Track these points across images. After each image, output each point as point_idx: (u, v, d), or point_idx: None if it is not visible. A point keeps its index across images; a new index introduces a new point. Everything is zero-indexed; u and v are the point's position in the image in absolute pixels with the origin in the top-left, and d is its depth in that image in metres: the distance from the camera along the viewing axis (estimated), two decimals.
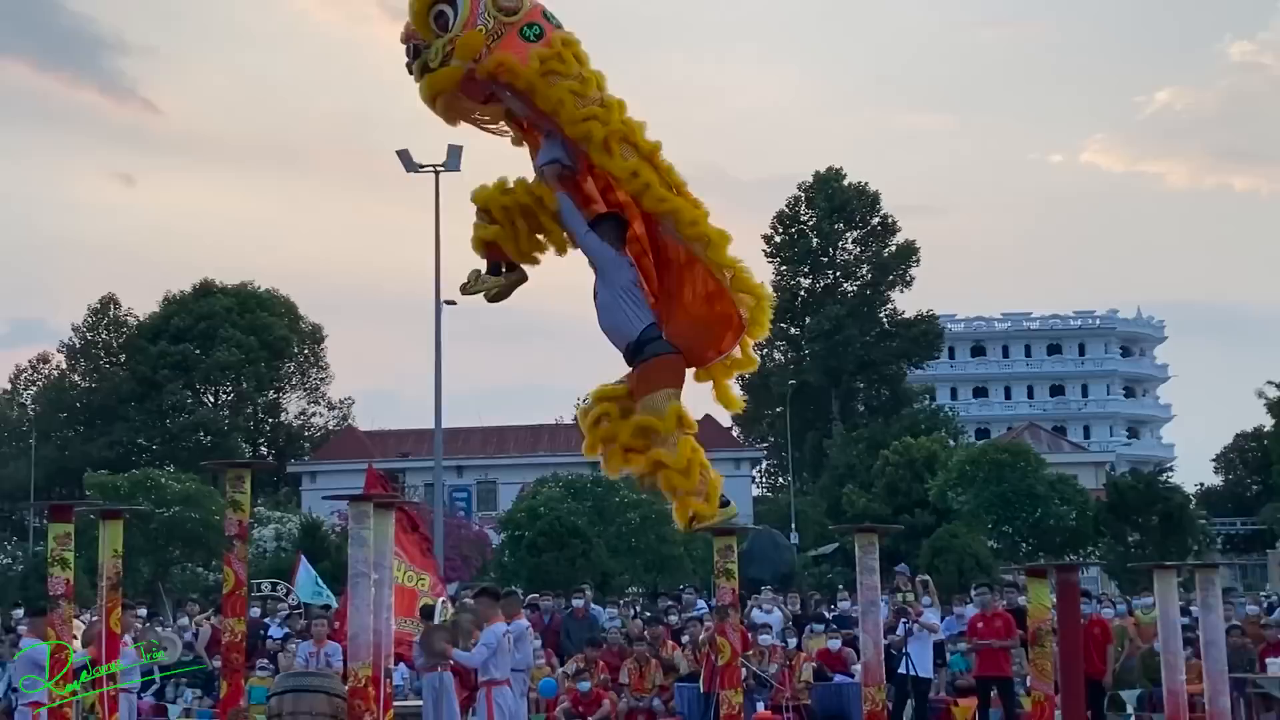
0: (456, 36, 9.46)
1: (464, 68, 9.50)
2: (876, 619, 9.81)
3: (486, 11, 9.49)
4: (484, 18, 9.47)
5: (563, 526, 35.76)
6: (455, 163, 36.45)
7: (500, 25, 9.48)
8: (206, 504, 38.12)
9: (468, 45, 9.42)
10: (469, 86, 9.73)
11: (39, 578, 31.75)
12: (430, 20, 9.59)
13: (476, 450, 59.43)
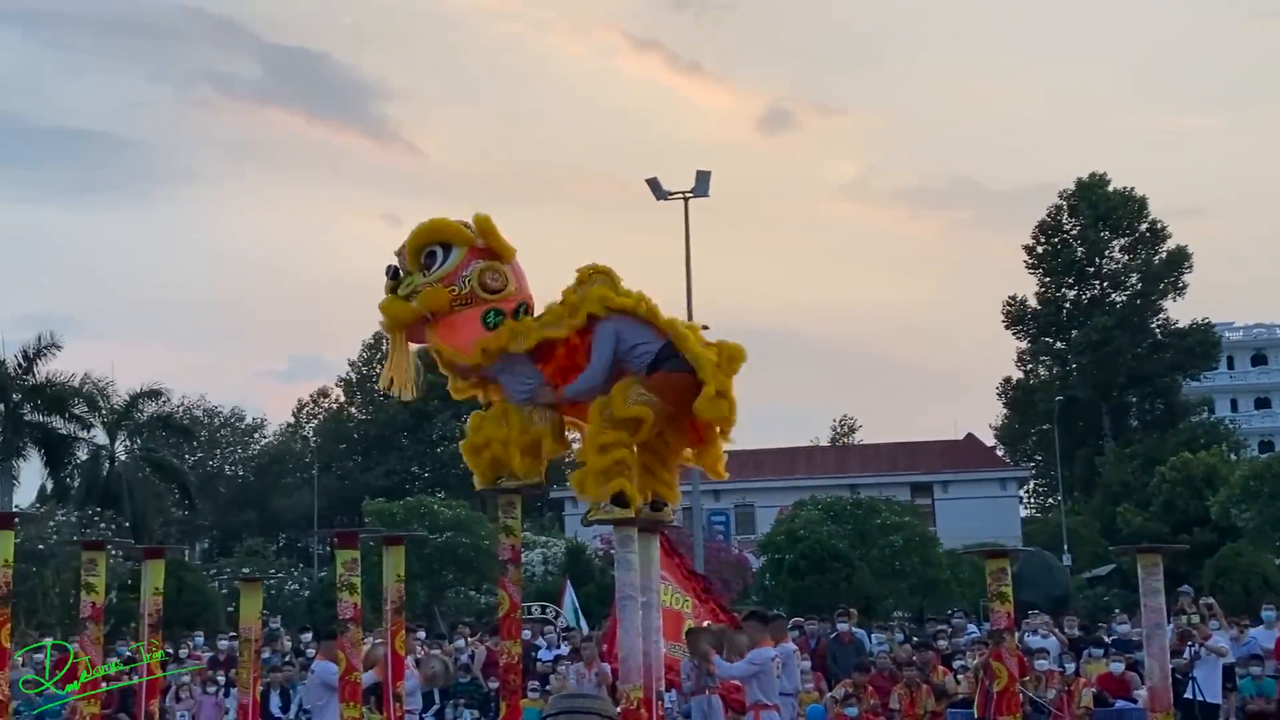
0: (428, 285, 9.67)
1: (419, 315, 9.76)
2: (1163, 642, 9.38)
3: (469, 277, 9.68)
4: (463, 281, 9.68)
5: (824, 549, 35.47)
6: (704, 189, 36.77)
7: (474, 296, 9.66)
8: (477, 529, 39.35)
9: (430, 299, 9.67)
10: (414, 330, 9.98)
11: (325, 602, 33.44)
12: (420, 255, 9.80)
13: (733, 474, 59.23)
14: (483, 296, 9.66)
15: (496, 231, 9.87)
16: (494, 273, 9.72)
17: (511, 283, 9.82)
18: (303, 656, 21.77)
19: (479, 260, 9.75)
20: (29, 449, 48.01)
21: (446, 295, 9.63)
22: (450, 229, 9.83)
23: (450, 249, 9.77)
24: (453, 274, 9.66)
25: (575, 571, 33.07)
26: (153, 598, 11.57)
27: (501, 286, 9.74)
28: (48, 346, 48.11)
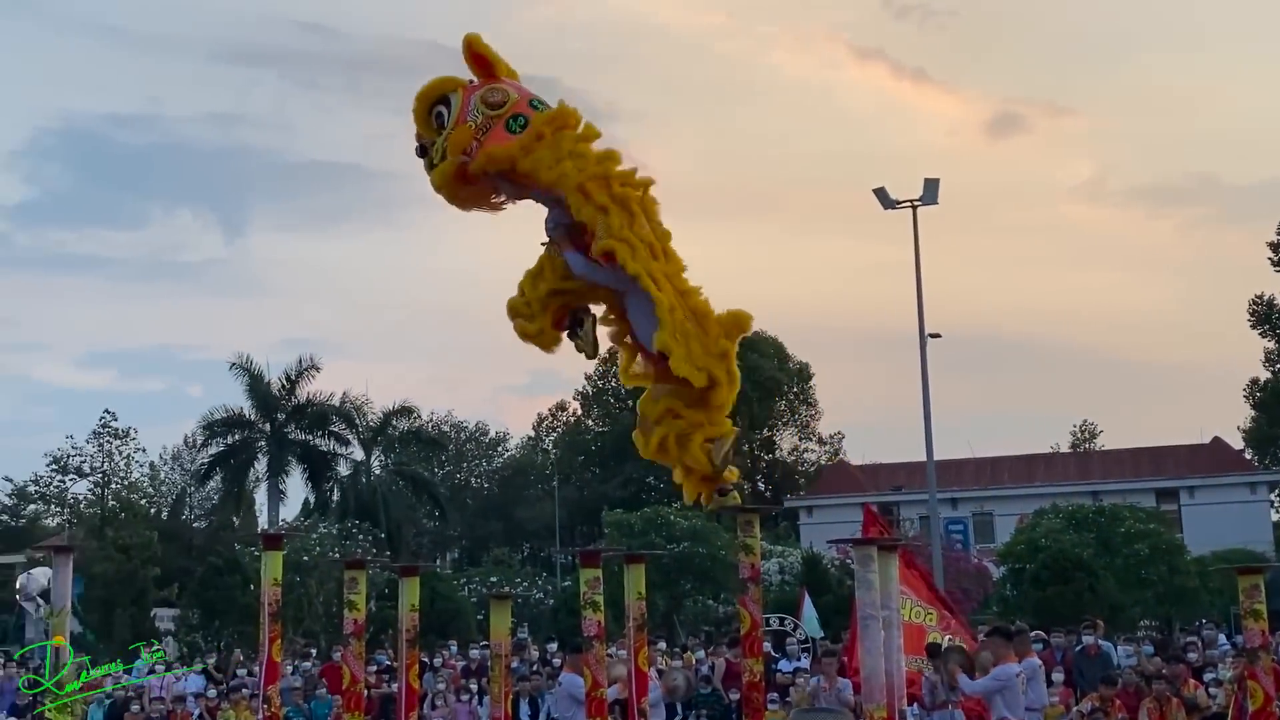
0: (450, 133, 10.37)
1: (456, 162, 10.33)
2: None
3: (475, 108, 10.37)
4: (473, 114, 10.36)
5: (1066, 559, 34.55)
6: (933, 196, 36.37)
7: (488, 119, 10.34)
8: (713, 540, 39.72)
9: (457, 141, 10.34)
10: (468, 178, 10.48)
11: (569, 611, 34.31)
12: (431, 120, 10.55)
13: (970, 482, 58.47)
14: (494, 115, 10.39)
15: (481, 43, 10.66)
16: (492, 91, 10.50)
17: (511, 91, 10.57)
18: (549, 665, 22.45)
19: (475, 91, 10.51)
20: (292, 466, 50.81)
21: (468, 130, 10.38)
22: (437, 84, 10.68)
23: (448, 99, 10.57)
24: (461, 114, 10.46)
25: (812, 581, 33.03)
26: (409, 614, 12.25)
27: (504, 99, 10.48)
28: (308, 368, 50.96)
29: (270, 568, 11.53)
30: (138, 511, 53.38)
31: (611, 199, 10.13)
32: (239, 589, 36.92)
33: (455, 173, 10.50)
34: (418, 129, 10.76)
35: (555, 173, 10.19)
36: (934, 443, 36.90)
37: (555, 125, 10.40)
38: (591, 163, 10.29)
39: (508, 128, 10.35)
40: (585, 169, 10.22)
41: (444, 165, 10.48)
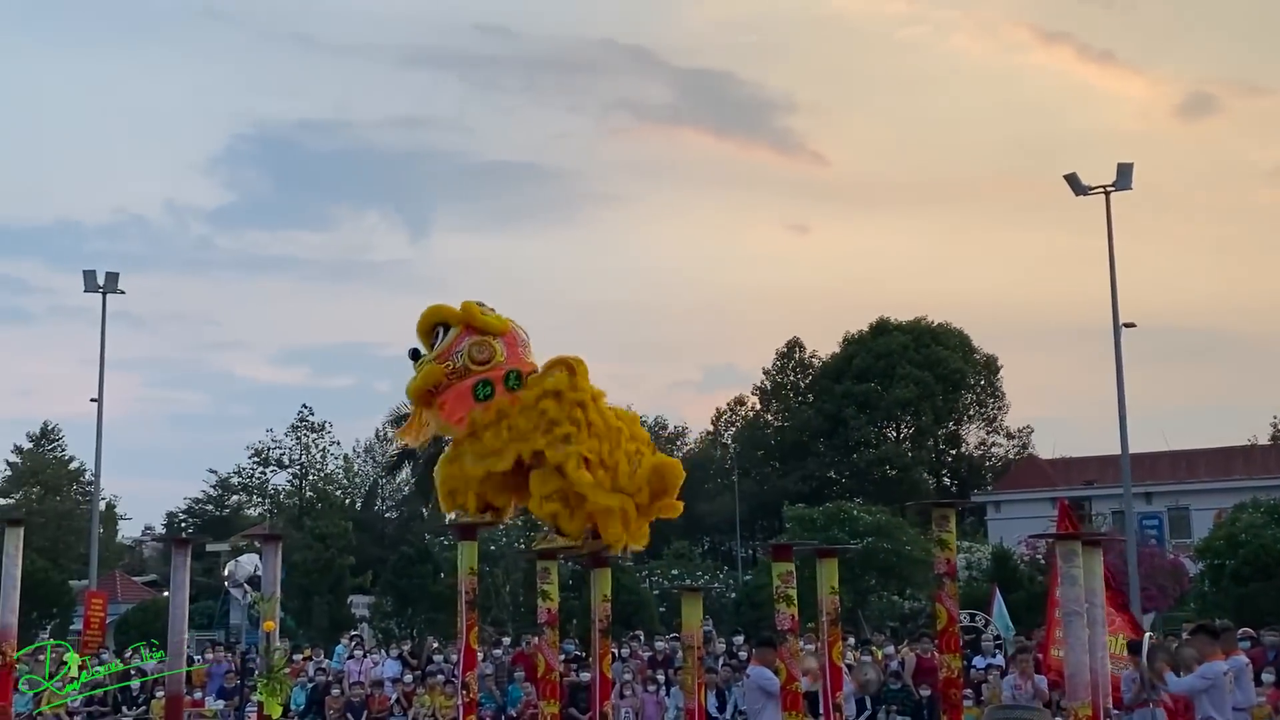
0: (428, 362, 11.34)
1: (423, 390, 11.38)
2: None
3: (461, 353, 11.26)
4: (457, 357, 11.27)
5: (1269, 555, 33.17)
6: (1126, 182, 35.32)
7: (466, 369, 11.21)
8: (897, 535, 39.27)
9: (430, 374, 11.33)
10: (426, 400, 11.53)
11: (751, 604, 34.33)
12: (429, 336, 11.52)
13: (1165, 475, 56.55)
14: (473, 369, 11.22)
15: (477, 314, 11.47)
16: (480, 346, 11.28)
17: (499, 353, 11.32)
18: (735, 659, 22.54)
19: (471, 335, 11.33)
20: None
21: (441, 370, 11.32)
22: (445, 311, 11.58)
23: (448, 328, 11.44)
24: (447, 350, 11.35)
25: (1001, 578, 32.41)
26: (601, 604, 12.42)
27: (489, 358, 11.26)
28: None
29: (466, 557, 11.83)
30: (333, 502, 55.30)
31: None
32: (429, 577, 37.95)
33: (419, 398, 11.59)
34: (418, 335, 11.72)
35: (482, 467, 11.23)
36: (1128, 436, 35.86)
37: (505, 420, 11.14)
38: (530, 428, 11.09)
39: (475, 391, 11.19)
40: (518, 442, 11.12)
41: (414, 384, 11.56)
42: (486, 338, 11.34)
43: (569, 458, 10.78)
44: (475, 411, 11.12)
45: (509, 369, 11.28)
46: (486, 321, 11.44)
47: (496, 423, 11.03)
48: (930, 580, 41.72)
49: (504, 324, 11.55)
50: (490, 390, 11.19)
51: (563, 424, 10.88)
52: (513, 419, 11.03)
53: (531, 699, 22.02)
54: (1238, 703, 13.88)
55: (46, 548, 48.84)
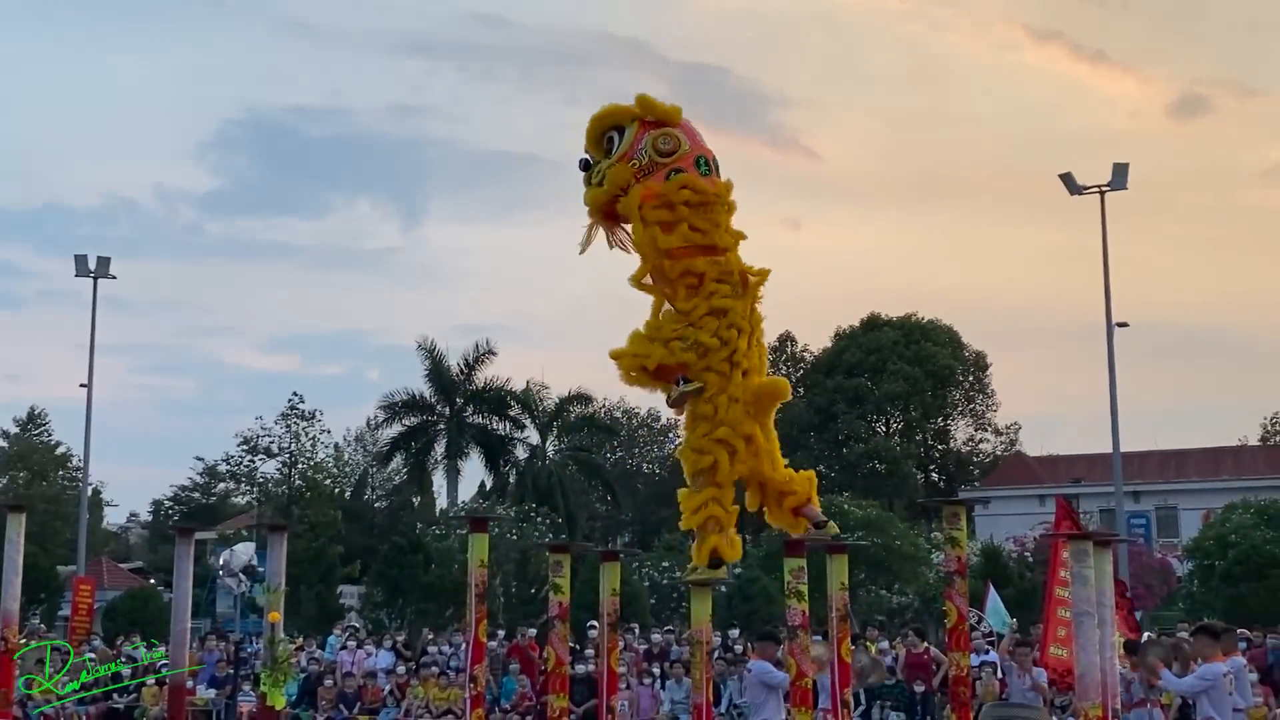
0: (613, 164, 10.76)
1: (610, 194, 10.75)
2: None
3: (645, 148, 10.72)
4: (641, 153, 10.72)
5: (1260, 556, 33.36)
6: (1121, 181, 35.47)
7: (653, 163, 10.66)
8: (887, 529, 39.40)
9: (616, 176, 10.74)
10: (613, 213, 10.95)
11: (742, 598, 34.29)
12: (602, 141, 10.93)
13: (1154, 475, 56.84)
14: (660, 161, 10.72)
15: (656, 103, 10.87)
16: (665, 137, 10.76)
17: (684, 142, 10.82)
18: (730, 652, 22.55)
19: (650, 130, 10.78)
20: (471, 448, 51.90)
21: (629, 169, 10.73)
22: (617, 111, 10.95)
23: (623, 129, 10.87)
24: (629, 150, 10.78)
25: (991, 574, 32.50)
26: (610, 598, 12.43)
27: (674, 148, 10.75)
28: (485, 354, 51.97)
29: (477, 549, 11.83)
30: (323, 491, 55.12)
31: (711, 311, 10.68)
32: (421, 568, 37.87)
33: (605, 203, 10.97)
34: (587, 146, 11.15)
35: (677, 269, 10.73)
36: (1119, 434, 35.99)
37: (688, 193, 10.69)
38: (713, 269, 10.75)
39: (668, 179, 10.68)
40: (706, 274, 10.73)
41: (598, 192, 10.96)
42: (667, 129, 10.87)
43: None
44: (668, 186, 10.67)
45: (695, 155, 10.89)
46: (664, 111, 10.94)
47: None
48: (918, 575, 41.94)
49: (677, 111, 11.04)
50: (682, 175, 10.79)
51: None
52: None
53: (526, 691, 22.02)
54: (1236, 704, 13.92)
55: (34, 533, 48.60)
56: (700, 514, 10.62)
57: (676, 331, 10.66)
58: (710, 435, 10.61)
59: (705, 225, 10.70)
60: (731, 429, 10.58)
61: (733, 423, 10.59)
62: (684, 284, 10.69)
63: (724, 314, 10.63)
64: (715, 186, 10.83)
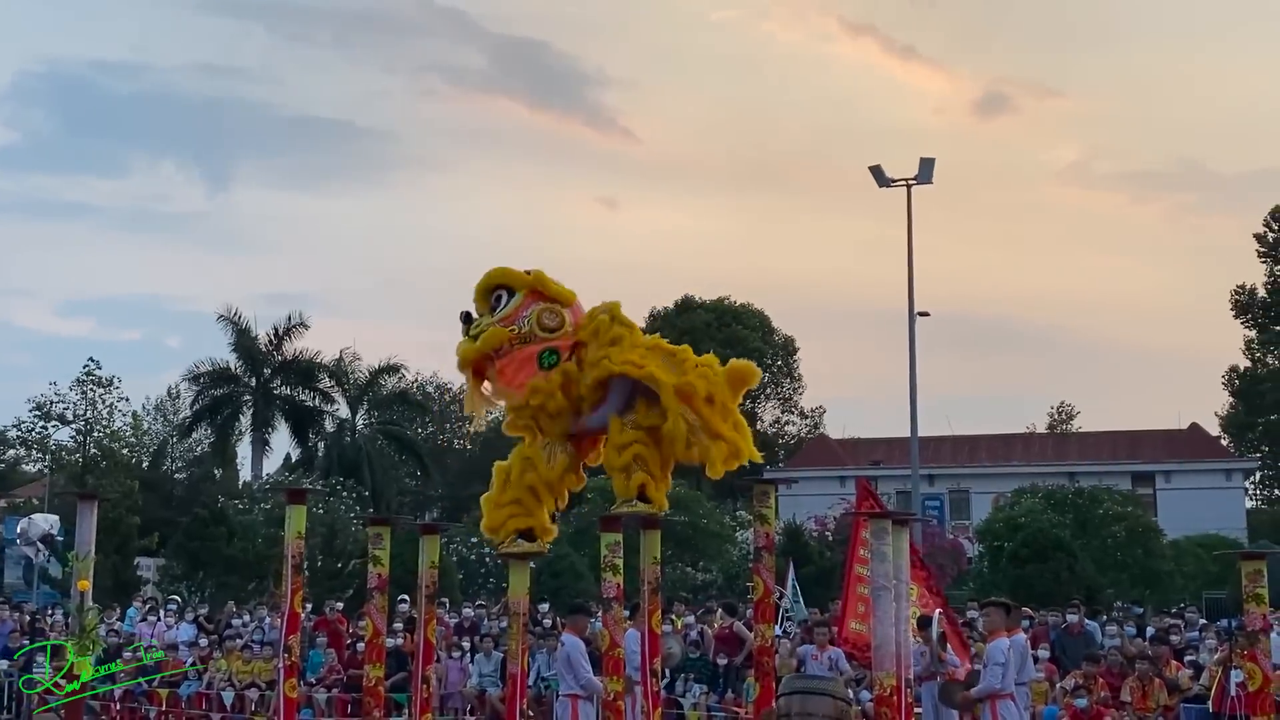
0: (492, 324, 10.76)
1: (483, 353, 10.80)
2: None
3: (528, 318, 10.75)
4: (523, 322, 10.76)
5: (1045, 539, 35.07)
6: (928, 175, 36.75)
7: (532, 335, 10.71)
8: (694, 508, 40.17)
9: (491, 338, 10.75)
10: (481, 367, 11.01)
11: (551, 574, 34.54)
12: (488, 298, 10.94)
13: (948, 459, 59.07)
14: (540, 335, 10.74)
15: (550, 282, 10.95)
16: (551, 313, 10.81)
17: (568, 323, 10.84)
18: (540, 626, 22.78)
19: (538, 302, 10.82)
20: (277, 420, 50.93)
21: (506, 334, 10.74)
22: (512, 275, 10.97)
23: (513, 292, 10.87)
24: (513, 314, 10.80)
25: (793, 553, 33.46)
26: (429, 570, 12.57)
27: (558, 326, 10.80)
28: (296, 325, 51.02)
29: (295, 522, 11.83)
30: (119, 460, 53.43)
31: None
32: (223, 540, 37.13)
33: (476, 361, 10.96)
34: (475, 301, 11.10)
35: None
36: (917, 419, 37.40)
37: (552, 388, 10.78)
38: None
39: (540, 359, 10.75)
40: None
41: (471, 347, 10.93)
42: (555, 305, 10.86)
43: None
44: (538, 379, 10.68)
45: (572, 342, 10.86)
46: (559, 290, 10.93)
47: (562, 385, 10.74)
48: (722, 552, 42.66)
49: (571, 296, 11.03)
50: (556, 359, 10.75)
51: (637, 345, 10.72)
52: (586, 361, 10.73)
53: (335, 664, 21.89)
54: (1020, 678, 14.74)
55: None
56: (628, 451, 10.57)
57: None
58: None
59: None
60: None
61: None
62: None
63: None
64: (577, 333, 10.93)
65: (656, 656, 11.59)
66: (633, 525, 11.42)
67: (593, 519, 34.90)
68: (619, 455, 10.54)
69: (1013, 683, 13.88)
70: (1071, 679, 17.56)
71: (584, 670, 13.53)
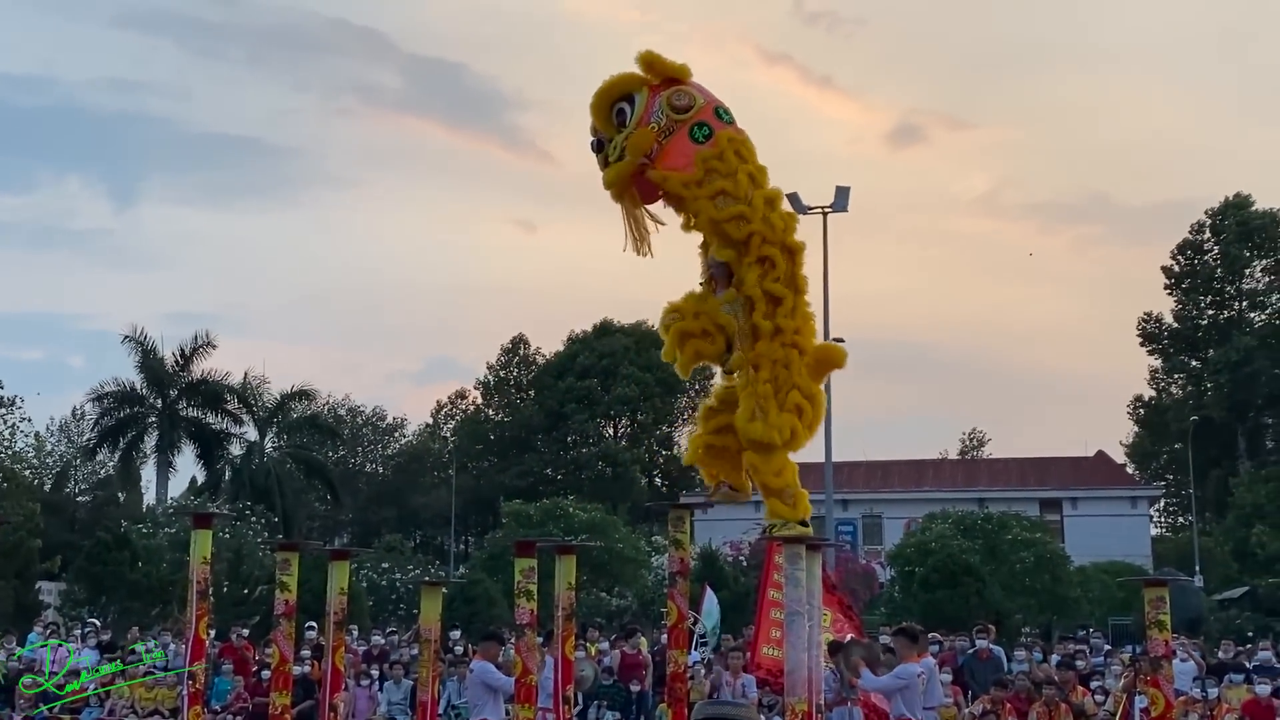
0: (631, 133, 10.17)
1: (635, 164, 10.19)
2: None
3: (660, 109, 10.16)
4: (657, 115, 10.16)
5: (955, 564, 35.44)
6: (843, 203, 37.07)
7: (672, 122, 10.15)
8: (610, 533, 40.10)
9: (638, 143, 10.14)
10: (641, 182, 10.39)
11: (464, 599, 34.30)
12: (611, 116, 10.33)
13: (861, 484, 59.54)
14: (679, 119, 10.17)
15: (661, 58, 10.37)
16: (679, 94, 10.24)
17: (698, 96, 10.32)
18: (450, 653, 22.57)
19: (661, 91, 10.26)
20: (184, 443, 50.04)
21: (650, 133, 10.15)
22: (622, 81, 10.34)
23: (632, 97, 10.29)
24: (645, 115, 10.20)
25: (709, 578, 33.50)
26: (338, 597, 12.34)
27: (690, 103, 10.24)
28: (203, 345, 50.20)
29: (200, 546, 11.52)
30: (21, 483, 52.17)
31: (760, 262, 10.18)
32: (127, 565, 36.38)
33: (631, 174, 10.34)
34: (596, 123, 10.51)
35: (726, 214, 10.14)
36: (832, 445, 37.65)
37: (737, 145, 10.26)
38: (758, 217, 10.14)
39: (691, 135, 10.20)
40: (750, 222, 10.14)
41: (621, 165, 10.30)
42: (679, 86, 10.26)
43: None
44: (702, 151, 10.07)
45: (713, 106, 10.32)
46: (672, 67, 10.31)
47: (724, 156, 10.02)
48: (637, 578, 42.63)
49: (685, 68, 10.40)
50: (708, 130, 10.17)
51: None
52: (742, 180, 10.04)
53: (241, 691, 21.52)
54: (928, 702, 14.85)
55: None
56: (784, 475, 10.14)
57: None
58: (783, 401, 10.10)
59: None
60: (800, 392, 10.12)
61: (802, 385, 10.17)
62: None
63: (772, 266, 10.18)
64: (737, 138, 10.32)
65: (569, 683, 11.49)
66: (546, 550, 11.32)
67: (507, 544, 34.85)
68: (777, 479, 10.16)
69: (921, 707, 13.98)
70: (979, 704, 17.73)
71: (501, 680, 13.47)
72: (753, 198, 10.15)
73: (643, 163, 10.22)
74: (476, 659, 15.27)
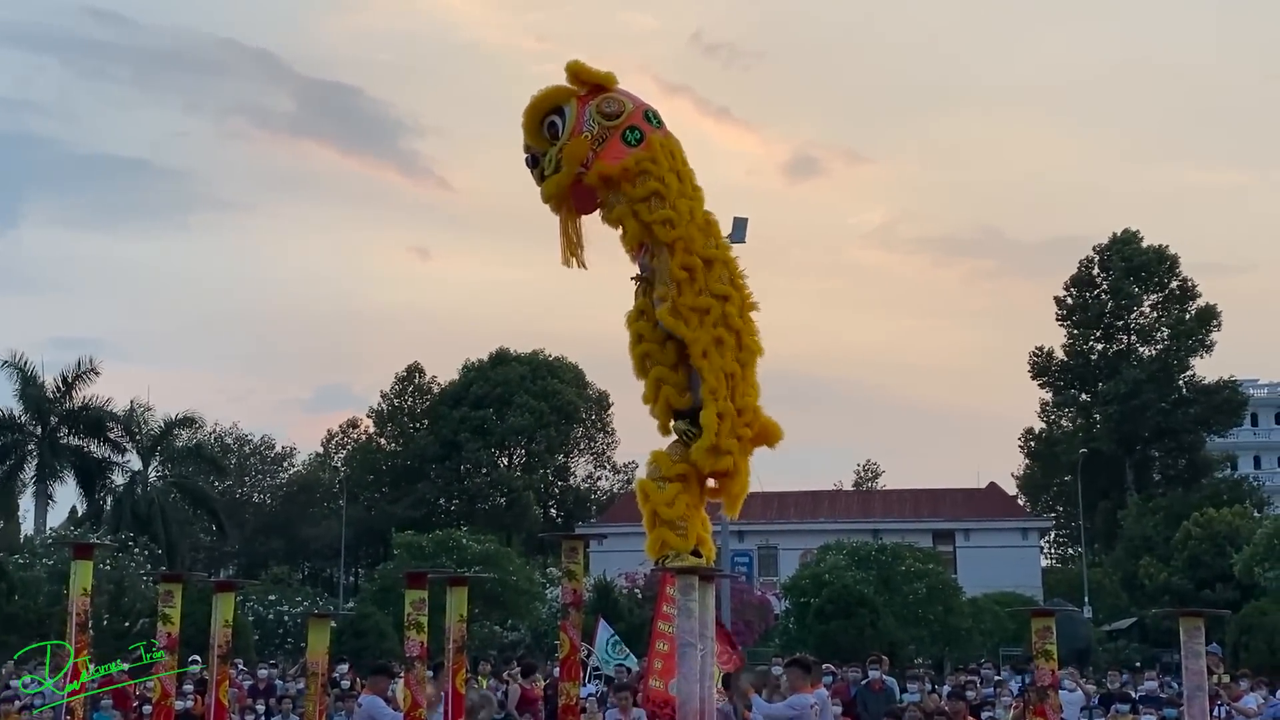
0: (565, 144, 10.51)
1: (572, 174, 10.53)
2: (1203, 704, 9.69)
3: (591, 118, 10.54)
4: (589, 124, 10.53)
5: (849, 595, 35.67)
6: (740, 235, 37.09)
7: (604, 130, 10.53)
8: (504, 564, 39.73)
9: (573, 153, 10.49)
10: (579, 191, 10.71)
11: (354, 633, 33.69)
12: (543, 130, 10.69)
13: (757, 515, 59.66)
14: (611, 126, 10.51)
15: (587, 67, 10.70)
16: (607, 101, 10.60)
17: (626, 102, 10.68)
18: (338, 687, 22.11)
19: (589, 101, 10.59)
20: (64, 471, 48.64)
21: (584, 142, 10.48)
22: (550, 94, 10.68)
23: (562, 110, 10.61)
24: (577, 125, 10.52)
25: (604, 609, 33.33)
26: (222, 629, 12.00)
27: (620, 110, 10.61)
28: (86, 371, 48.89)
29: (80, 578, 11.14)
30: None
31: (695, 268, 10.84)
32: (3, 597, 35.24)
33: (570, 184, 10.59)
34: (527, 139, 10.76)
35: (657, 216, 10.55)
36: None
37: (669, 148, 10.66)
38: (685, 219, 10.68)
39: (624, 139, 10.49)
40: (679, 227, 10.65)
41: (558, 176, 10.55)
42: (606, 94, 10.55)
43: None
44: (636, 151, 10.45)
45: (642, 110, 10.64)
46: (597, 75, 10.63)
47: (657, 159, 10.47)
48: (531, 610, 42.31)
49: (610, 75, 10.73)
50: (639, 134, 10.51)
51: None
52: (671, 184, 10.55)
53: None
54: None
55: None
56: (676, 507, 10.76)
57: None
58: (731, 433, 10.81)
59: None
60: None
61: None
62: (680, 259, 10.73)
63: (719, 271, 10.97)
64: (667, 141, 10.75)
65: (460, 717, 11.24)
66: (438, 582, 11.10)
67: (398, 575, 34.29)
68: (670, 509, 10.80)
69: None
70: None
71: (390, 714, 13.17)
72: (679, 205, 10.66)
73: (579, 172, 10.51)
74: (365, 693, 14.93)
